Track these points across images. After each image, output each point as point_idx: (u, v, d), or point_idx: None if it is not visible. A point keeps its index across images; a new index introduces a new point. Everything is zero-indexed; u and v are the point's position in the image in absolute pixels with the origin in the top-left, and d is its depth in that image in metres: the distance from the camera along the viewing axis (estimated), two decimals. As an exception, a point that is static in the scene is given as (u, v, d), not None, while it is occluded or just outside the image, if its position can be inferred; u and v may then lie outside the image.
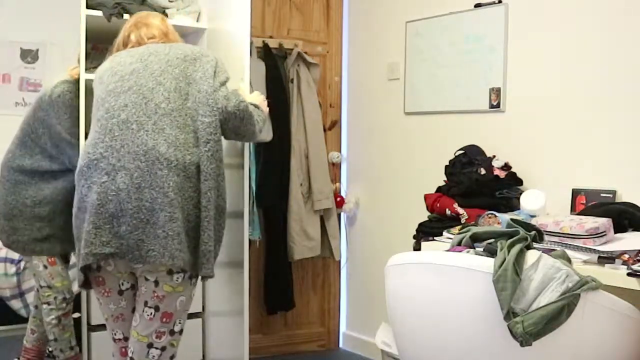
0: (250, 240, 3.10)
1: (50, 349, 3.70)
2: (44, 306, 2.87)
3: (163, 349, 2.08)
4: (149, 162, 1.99)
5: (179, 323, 2.12)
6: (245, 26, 2.64)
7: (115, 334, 2.19)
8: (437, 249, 2.42)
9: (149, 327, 2.07)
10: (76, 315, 3.02)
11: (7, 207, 2.80)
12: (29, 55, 4.41)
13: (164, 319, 2.07)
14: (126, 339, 2.17)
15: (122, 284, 2.12)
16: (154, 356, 2.07)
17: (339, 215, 3.95)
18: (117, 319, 2.17)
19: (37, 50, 4.41)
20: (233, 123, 2.18)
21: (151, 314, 2.06)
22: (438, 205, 2.89)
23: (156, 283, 2.05)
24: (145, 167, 1.99)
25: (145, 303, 2.07)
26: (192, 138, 2.09)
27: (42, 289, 2.86)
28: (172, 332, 2.10)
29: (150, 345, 2.07)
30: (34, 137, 2.78)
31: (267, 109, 2.49)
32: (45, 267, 2.84)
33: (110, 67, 2.21)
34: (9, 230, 2.80)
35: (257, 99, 2.45)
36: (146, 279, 2.06)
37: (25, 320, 4.00)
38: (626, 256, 2.07)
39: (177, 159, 2.03)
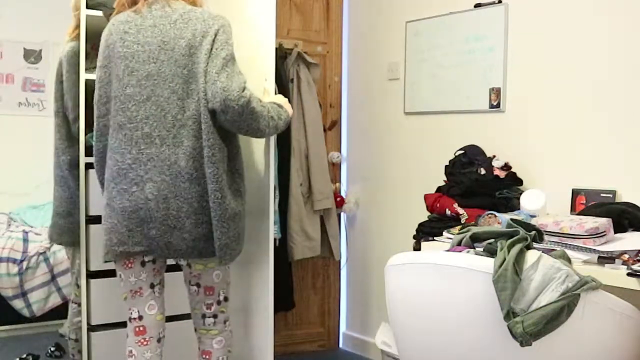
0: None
1: (52, 349, 3.71)
2: (74, 305, 2.87)
3: (215, 316, 2.37)
4: (172, 175, 2.17)
5: (223, 292, 2.38)
6: (270, 25, 2.60)
7: (131, 313, 2.30)
8: (437, 249, 2.42)
9: (199, 300, 2.36)
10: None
11: (67, 204, 2.81)
12: (32, 56, 4.42)
13: (207, 292, 2.35)
14: (141, 317, 2.29)
15: (146, 256, 2.29)
16: (209, 324, 2.37)
17: (339, 215, 3.95)
18: (135, 294, 2.29)
19: (40, 50, 4.42)
20: (231, 116, 2.14)
21: (195, 290, 2.36)
22: (438, 205, 2.89)
23: (189, 265, 2.33)
24: (169, 180, 2.17)
25: (189, 282, 2.37)
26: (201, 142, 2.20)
27: (78, 289, 2.86)
28: (218, 302, 2.37)
29: (204, 316, 2.37)
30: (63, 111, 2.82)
31: (291, 110, 2.47)
32: None
33: (124, 55, 2.20)
34: (74, 228, 2.81)
35: (282, 100, 2.45)
36: (180, 262, 2.35)
37: (27, 320, 4.02)
38: (626, 256, 2.07)
39: (196, 169, 2.18)
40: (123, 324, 2.38)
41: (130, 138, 2.20)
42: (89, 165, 2.64)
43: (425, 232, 2.86)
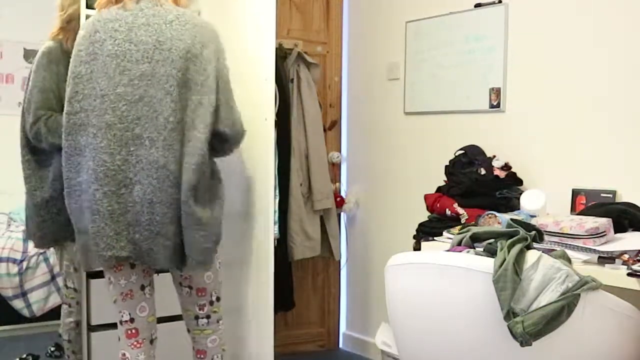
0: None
1: (52, 349, 3.71)
2: (65, 306, 2.86)
3: (208, 317, 2.38)
4: (160, 179, 2.12)
5: (215, 293, 2.39)
6: (270, 25, 2.60)
7: (122, 316, 2.28)
8: (437, 249, 2.42)
9: (191, 302, 2.37)
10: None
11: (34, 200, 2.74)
12: (32, 56, 4.40)
13: (200, 294, 2.36)
14: (132, 320, 2.27)
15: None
16: (203, 324, 2.38)
17: (339, 215, 3.95)
18: (126, 296, 2.26)
19: (40, 50, 4.41)
20: (234, 144, 2.26)
21: (187, 292, 2.36)
22: (438, 205, 2.89)
23: (179, 269, 2.28)
24: (156, 184, 2.12)
25: (180, 284, 2.36)
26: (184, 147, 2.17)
27: (68, 290, 2.85)
28: (211, 303, 2.38)
29: (197, 317, 2.37)
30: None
31: None
32: (76, 269, 2.82)
33: (115, 54, 2.15)
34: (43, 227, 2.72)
35: None
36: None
37: (27, 320, 4.02)
38: (626, 256, 2.07)
39: (182, 174, 2.14)
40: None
41: (120, 138, 2.14)
42: None
43: (425, 232, 2.86)
